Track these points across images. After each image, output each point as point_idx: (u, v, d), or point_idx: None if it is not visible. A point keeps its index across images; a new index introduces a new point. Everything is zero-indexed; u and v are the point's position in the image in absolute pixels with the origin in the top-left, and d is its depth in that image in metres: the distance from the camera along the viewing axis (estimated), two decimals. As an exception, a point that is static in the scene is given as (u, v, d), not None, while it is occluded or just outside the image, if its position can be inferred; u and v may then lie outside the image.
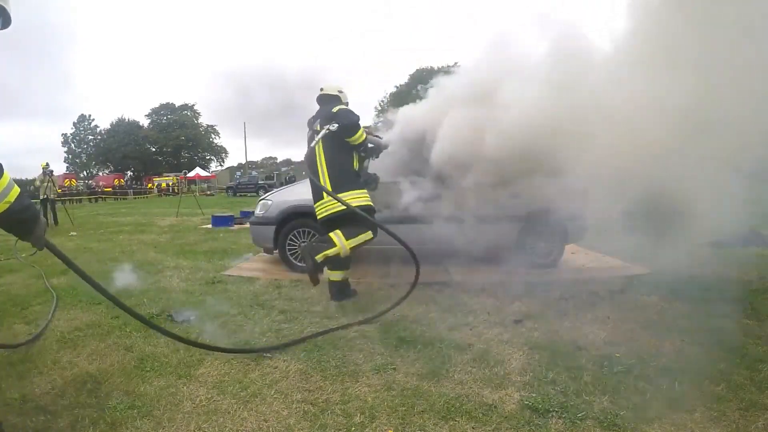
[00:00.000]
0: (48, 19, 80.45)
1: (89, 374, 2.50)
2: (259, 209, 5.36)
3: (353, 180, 3.67)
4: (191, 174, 37.45)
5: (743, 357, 2.62)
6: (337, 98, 3.91)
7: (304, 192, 4.41)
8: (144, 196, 34.37)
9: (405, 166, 4.68)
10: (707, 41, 2.93)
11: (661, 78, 3.07)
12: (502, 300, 3.80)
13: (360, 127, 3.67)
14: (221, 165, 58.42)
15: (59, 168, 42.59)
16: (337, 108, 3.68)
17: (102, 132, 54.63)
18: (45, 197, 10.79)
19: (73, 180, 32.60)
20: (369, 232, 3.59)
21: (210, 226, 9.89)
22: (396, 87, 52.43)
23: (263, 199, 5.51)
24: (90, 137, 55.57)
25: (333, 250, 3.50)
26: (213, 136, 58.78)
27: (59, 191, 17.05)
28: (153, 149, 55.37)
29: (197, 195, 26.60)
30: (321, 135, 3.55)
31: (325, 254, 3.49)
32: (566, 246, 5.26)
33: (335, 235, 3.53)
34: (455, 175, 4.37)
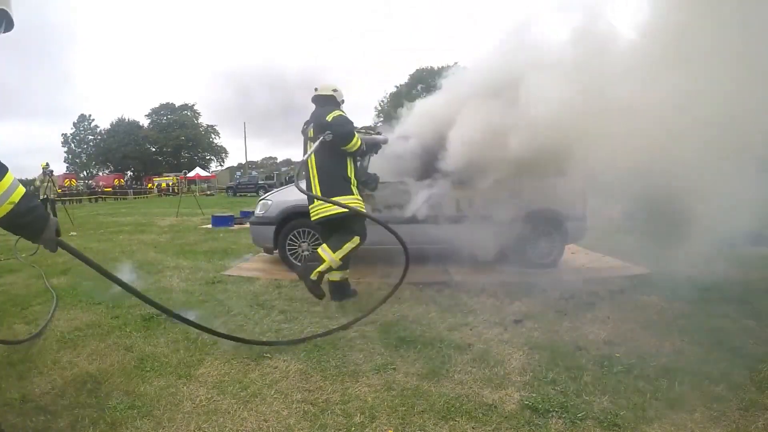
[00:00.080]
0: (48, 19, 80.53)
1: (89, 374, 2.50)
2: (259, 209, 5.36)
3: (343, 185, 3.67)
4: (191, 174, 37.44)
5: (743, 357, 2.62)
6: (332, 98, 3.89)
7: None
8: (144, 196, 34.37)
9: (418, 165, 4.54)
10: (730, 37, 2.86)
11: (686, 74, 2.98)
12: (502, 300, 3.81)
13: (354, 136, 3.65)
14: (221, 165, 58.49)
15: (59, 168, 42.67)
16: (331, 116, 3.62)
17: (102, 132, 54.66)
18: (45, 197, 10.85)
19: (73, 180, 32.61)
20: (356, 238, 3.62)
21: (210, 226, 9.89)
22: (396, 87, 52.56)
23: (263, 199, 5.51)
24: (90, 137, 55.60)
25: (324, 266, 3.58)
26: (213, 136, 58.82)
27: (59, 191, 17.09)
28: (153, 149, 55.37)
29: (197, 195, 26.59)
30: (315, 147, 3.58)
31: (318, 271, 3.59)
32: (566, 246, 5.27)
33: (322, 251, 3.62)
34: (474, 174, 4.23)
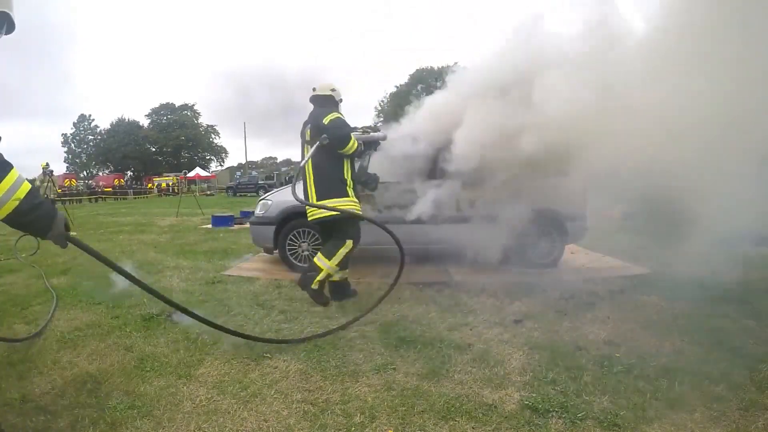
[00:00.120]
0: (48, 19, 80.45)
1: (89, 374, 2.50)
2: (259, 209, 5.37)
3: (339, 188, 3.69)
4: (191, 174, 37.42)
5: (743, 357, 2.62)
6: (330, 98, 3.88)
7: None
8: (144, 196, 34.35)
9: (424, 166, 4.51)
10: (743, 35, 2.81)
11: (697, 72, 2.93)
12: (502, 300, 3.80)
13: (351, 139, 3.66)
14: (221, 165, 58.46)
15: (59, 168, 42.65)
16: (328, 119, 3.62)
17: (102, 132, 54.64)
18: (45, 197, 10.80)
19: (73, 180, 32.56)
20: (348, 242, 3.65)
21: (210, 226, 9.89)
22: (396, 87, 52.57)
23: (263, 199, 5.51)
24: (90, 137, 55.58)
25: (322, 275, 3.64)
26: (213, 136, 58.79)
27: (59, 191, 17.09)
28: (153, 149, 55.35)
29: (197, 195, 26.58)
30: (312, 152, 3.61)
31: (317, 281, 3.65)
32: (566, 246, 5.27)
33: (318, 260, 3.68)
34: (481, 175, 4.19)
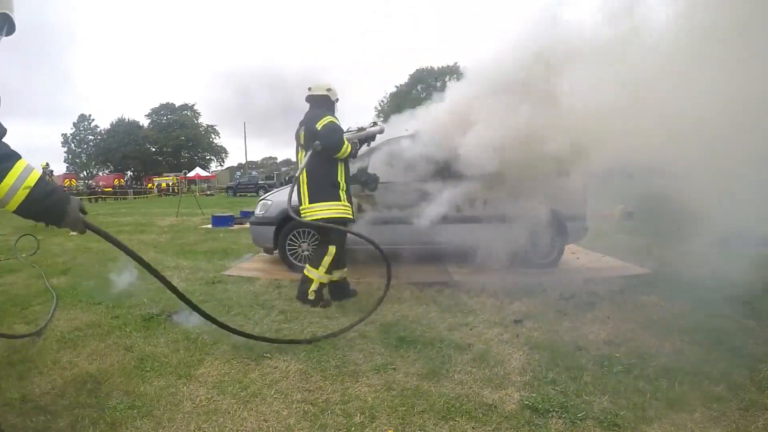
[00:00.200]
0: (48, 19, 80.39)
1: (89, 374, 2.50)
2: (259, 209, 5.37)
3: (331, 192, 3.70)
4: (191, 174, 37.44)
5: (743, 357, 2.62)
6: (326, 98, 3.88)
7: None
8: (144, 196, 34.33)
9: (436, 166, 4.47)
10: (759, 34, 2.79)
11: (715, 70, 2.91)
12: (502, 300, 3.80)
13: (343, 144, 3.66)
14: (221, 165, 58.50)
15: (59, 168, 42.72)
16: (321, 124, 3.63)
17: (102, 132, 54.67)
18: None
19: (73, 180, 32.51)
20: (331, 249, 3.68)
21: (210, 226, 9.89)
22: (396, 87, 52.54)
23: (263, 199, 5.52)
24: (90, 137, 55.61)
25: (314, 285, 3.69)
26: (213, 136, 58.80)
27: (59, 191, 17.02)
28: (153, 149, 55.35)
29: (197, 195, 26.59)
30: (306, 161, 3.64)
31: (312, 291, 3.69)
32: (566, 246, 5.27)
33: (307, 272, 3.74)
34: (494, 178, 4.15)
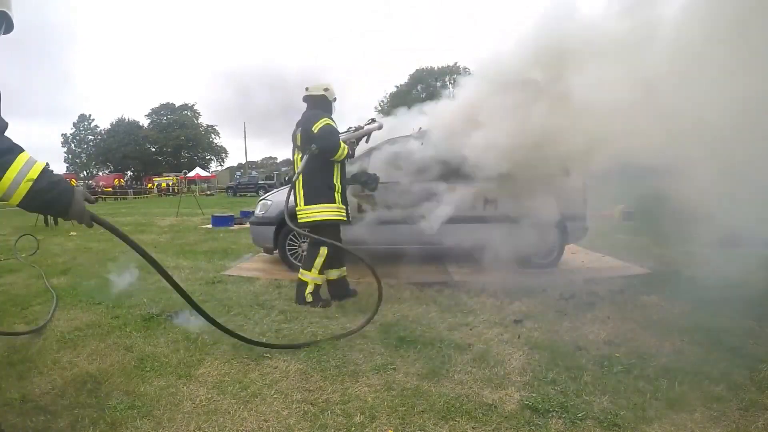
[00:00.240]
0: (48, 19, 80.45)
1: (89, 374, 2.50)
2: (259, 209, 5.37)
3: (326, 194, 3.72)
4: (191, 174, 37.42)
5: (743, 357, 2.61)
6: (323, 98, 3.87)
7: None
8: (144, 196, 34.34)
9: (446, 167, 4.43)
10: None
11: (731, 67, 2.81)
12: (502, 300, 3.80)
13: (339, 146, 3.65)
14: (221, 165, 58.47)
15: (59, 168, 42.88)
16: (317, 126, 3.61)
17: (102, 132, 54.67)
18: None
19: (73, 180, 32.24)
20: (323, 250, 3.71)
21: (210, 226, 9.90)
22: (396, 87, 52.55)
23: (263, 199, 5.52)
24: (90, 137, 55.62)
25: (309, 287, 3.73)
26: (213, 136, 58.78)
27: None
28: (153, 149, 55.34)
29: (197, 195, 26.59)
30: (303, 165, 3.67)
31: (309, 293, 3.72)
32: (566, 246, 5.27)
33: (301, 275, 3.77)
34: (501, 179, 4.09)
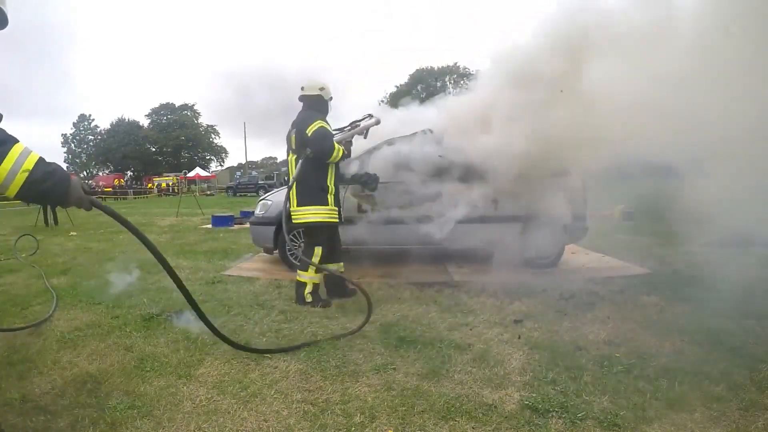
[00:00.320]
0: (48, 19, 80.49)
1: (89, 374, 2.50)
2: (259, 209, 5.37)
3: (319, 196, 3.73)
4: (191, 174, 37.42)
5: (743, 357, 2.61)
6: (319, 98, 3.86)
7: None
8: (144, 196, 34.34)
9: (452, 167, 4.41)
10: None
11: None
12: (502, 300, 3.80)
13: (334, 149, 3.66)
14: (221, 165, 58.41)
15: (59, 168, 42.55)
16: (311, 130, 3.62)
17: (102, 132, 54.64)
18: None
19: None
20: (317, 250, 3.75)
21: (210, 226, 9.90)
22: (396, 87, 52.51)
23: (263, 199, 5.52)
24: (90, 137, 55.59)
25: (308, 287, 3.75)
26: (213, 136, 58.72)
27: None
28: (153, 149, 55.31)
29: (197, 195, 26.59)
30: (299, 168, 3.69)
31: (308, 293, 3.74)
32: (566, 246, 5.26)
33: (299, 276, 3.81)
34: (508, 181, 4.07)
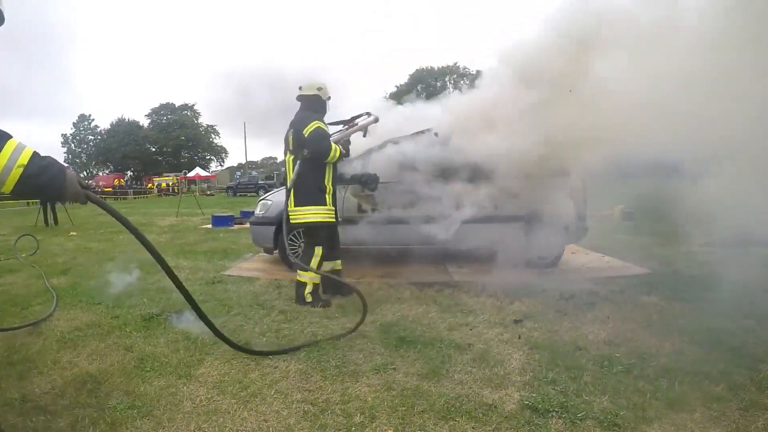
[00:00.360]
0: (48, 19, 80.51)
1: (89, 374, 2.49)
2: (259, 209, 5.37)
3: (317, 196, 3.75)
4: (191, 174, 37.41)
5: (743, 357, 2.61)
6: (317, 97, 3.86)
7: None
8: (144, 196, 34.36)
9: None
10: None
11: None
12: (502, 300, 3.80)
13: (331, 149, 3.67)
14: (221, 165, 58.43)
15: (59, 168, 42.56)
16: (308, 130, 3.62)
17: (102, 132, 54.66)
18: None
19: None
20: (317, 250, 3.76)
21: (210, 226, 9.90)
22: (396, 87, 52.50)
23: (263, 199, 5.52)
24: (90, 137, 55.60)
25: (308, 287, 3.76)
26: (213, 136, 58.73)
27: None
28: (153, 149, 55.32)
29: (197, 195, 26.60)
30: (297, 169, 3.70)
31: (308, 293, 3.75)
32: (566, 246, 5.26)
33: (299, 276, 3.82)
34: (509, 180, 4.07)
